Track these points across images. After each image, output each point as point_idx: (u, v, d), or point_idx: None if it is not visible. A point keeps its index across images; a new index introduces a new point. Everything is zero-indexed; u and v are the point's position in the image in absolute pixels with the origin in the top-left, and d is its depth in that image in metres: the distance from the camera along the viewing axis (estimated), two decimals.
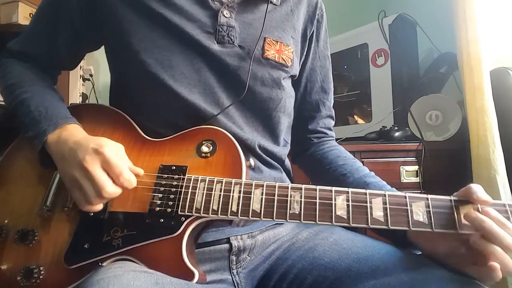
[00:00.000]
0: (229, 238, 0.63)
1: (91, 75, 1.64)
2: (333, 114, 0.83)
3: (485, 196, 0.49)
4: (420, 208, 0.50)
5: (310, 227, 0.70)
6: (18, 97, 0.64)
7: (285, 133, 0.74)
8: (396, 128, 1.29)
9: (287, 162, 0.76)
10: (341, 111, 1.55)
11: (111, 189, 0.53)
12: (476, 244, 0.46)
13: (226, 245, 0.63)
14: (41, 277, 0.55)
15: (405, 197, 0.51)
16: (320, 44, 0.80)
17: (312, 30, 0.77)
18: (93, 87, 1.68)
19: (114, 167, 0.53)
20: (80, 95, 1.49)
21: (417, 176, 1.23)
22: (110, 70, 0.72)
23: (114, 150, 0.55)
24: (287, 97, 0.71)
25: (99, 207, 0.55)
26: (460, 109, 1.28)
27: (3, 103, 0.74)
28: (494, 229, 0.45)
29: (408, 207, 0.50)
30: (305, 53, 0.77)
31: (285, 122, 0.73)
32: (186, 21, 0.64)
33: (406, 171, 1.22)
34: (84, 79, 1.58)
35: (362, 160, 1.20)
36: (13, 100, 0.65)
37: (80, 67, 1.49)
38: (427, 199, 0.50)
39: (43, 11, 0.72)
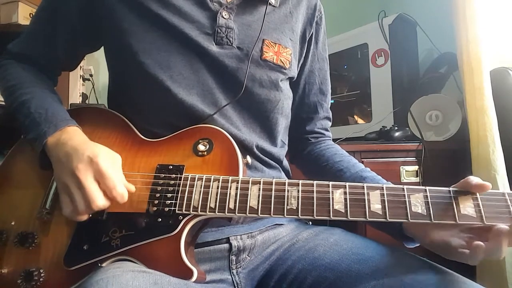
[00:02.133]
0: (228, 238, 0.63)
1: (91, 75, 1.64)
2: (330, 116, 0.84)
3: (484, 182, 0.49)
4: (418, 200, 0.50)
5: (310, 228, 0.70)
6: (19, 98, 0.64)
7: (282, 134, 0.75)
8: (396, 128, 1.29)
9: (285, 162, 0.76)
10: (341, 111, 1.56)
11: (100, 203, 0.53)
12: (503, 232, 0.46)
13: (226, 245, 0.63)
14: (41, 279, 0.55)
15: (403, 189, 0.51)
16: (319, 46, 0.80)
17: (311, 32, 0.77)
18: (93, 87, 1.68)
19: (108, 180, 0.53)
20: (80, 95, 1.49)
21: (417, 176, 1.22)
22: (108, 70, 0.72)
23: (110, 161, 0.55)
24: (285, 99, 0.71)
25: (84, 217, 0.54)
26: (460, 109, 1.28)
27: (3, 103, 0.74)
28: None
29: (406, 199, 0.50)
30: (303, 55, 0.77)
31: (283, 123, 0.73)
32: (185, 22, 0.64)
33: (406, 171, 1.22)
34: (84, 79, 1.58)
35: (362, 160, 1.20)
36: (13, 102, 0.65)
37: (80, 67, 1.49)
38: (426, 190, 0.50)
39: (42, 13, 0.72)
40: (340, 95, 1.61)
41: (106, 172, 0.53)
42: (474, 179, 0.50)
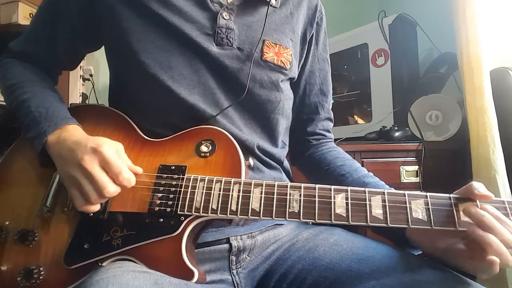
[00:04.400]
0: (229, 238, 0.63)
1: (91, 75, 1.64)
2: (332, 116, 0.84)
3: (487, 192, 0.49)
4: (419, 206, 0.50)
5: (311, 228, 0.70)
6: (19, 97, 0.64)
7: (283, 135, 0.75)
8: (396, 128, 1.29)
9: (286, 163, 0.76)
10: (341, 111, 1.56)
11: (112, 189, 0.53)
12: (474, 234, 0.46)
13: (226, 245, 0.63)
14: (41, 277, 0.55)
15: (404, 195, 0.51)
16: (319, 47, 0.80)
17: (311, 33, 0.77)
18: (93, 87, 1.68)
19: (113, 166, 0.53)
20: (80, 95, 1.49)
21: (417, 176, 1.23)
22: (109, 70, 0.72)
23: (113, 149, 0.55)
24: (286, 99, 0.71)
25: (97, 207, 0.54)
26: (460, 109, 1.28)
27: (3, 103, 0.74)
28: (494, 224, 0.46)
29: (407, 205, 0.50)
30: (304, 55, 0.77)
31: (283, 124, 0.73)
32: (185, 22, 0.64)
33: (406, 171, 1.22)
34: (84, 79, 1.58)
35: (362, 160, 1.21)
36: (14, 100, 0.65)
37: (80, 67, 1.49)
38: (426, 196, 0.51)
39: (42, 12, 0.72)
40: (340, 95, 1.61)
41: (110, 158, 0.53)
42: (477, 187, 0.49)
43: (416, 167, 1.23)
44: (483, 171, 1.11)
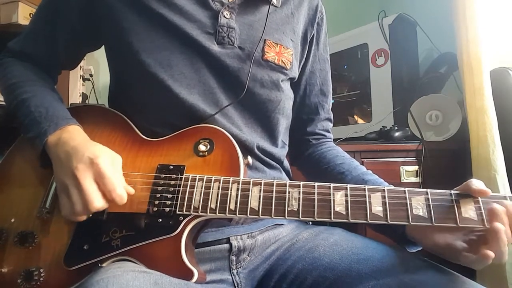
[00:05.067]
0: (229, 238, 0.63)
1: (91, 75, 1.64)
2: (332, 117, 0.84)
3: (485, 188, 0.49)
4: (419, 202, 0.50)
5: (310, 228, 0.70)
6: (19, 97, 0.64)
7: (283, 135, 0.75)
8: (396, 128, 1.29)
9: (286, 163, 0.76)
10: (341, 111, 1.56)
11: (98, 204, 0.52)
12: (495, 228, 0.46)
13: (226, 245, 0.63)
14: (41, 279, 0.55)
15: (405, 191, 0.51)
16: (320, 47, 0.80)
17: (312, 33, 0.77)
18: (93, 87, 1.68)
19: (107, 181, 0.52)
20: (80, 95, 1.50)
21: (417, 176, 1.23)
22: (109, 69, 0.72)
23: (110, 162, 0.54)
24: (286, 99, 0.71)
25: (82, 218, 0.54)
26: (460, 109, 1.28)
27: (3, 103, 0.74)
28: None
29: (408, 202, 0.50)
30: (305, 56, 0.77)
31: (284, 124, 0.73)
32: (186, 21, 0.63)
33: (406, 171, 1.22)
34: (84, 79, 1.58)
35: (362, 160, 1.20)
36: (13, 100, 0.65)
37: (80, 67, 1.49)
38: (427, 193, 0.50)
39: (42, 11, 0.72)
40: (340, 95, 1.61)
41: (106, 173, 0.53)
42: (475, 183, 0.50)
43: (416, 167, 1.23)
44: (483, 171, 1.11)
